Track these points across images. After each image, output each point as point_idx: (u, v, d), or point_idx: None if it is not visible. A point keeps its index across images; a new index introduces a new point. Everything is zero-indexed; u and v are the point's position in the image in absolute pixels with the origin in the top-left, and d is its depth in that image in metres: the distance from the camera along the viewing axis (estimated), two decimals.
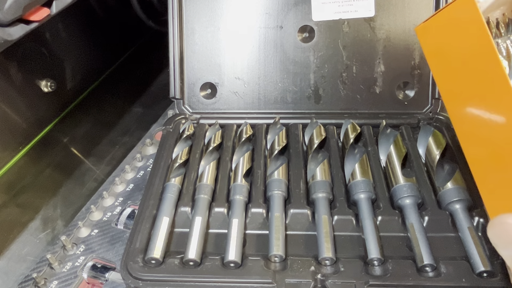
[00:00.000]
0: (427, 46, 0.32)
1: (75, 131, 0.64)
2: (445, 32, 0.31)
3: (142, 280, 0.38)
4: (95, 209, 0.49)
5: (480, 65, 0.28)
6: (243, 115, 0.55)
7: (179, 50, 0.55)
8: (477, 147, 0.29)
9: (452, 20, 0.29)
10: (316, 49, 0.54)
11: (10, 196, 0.54)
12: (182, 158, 0.48)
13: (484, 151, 0.29)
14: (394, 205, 0.43)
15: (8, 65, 0.55)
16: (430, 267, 0.38)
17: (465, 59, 0.29)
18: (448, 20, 0.30)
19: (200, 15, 0.54)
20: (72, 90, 0.68)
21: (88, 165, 0.59)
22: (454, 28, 0.30)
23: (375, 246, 0.39)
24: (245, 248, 0.41)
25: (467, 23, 0.28)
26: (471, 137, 0.30)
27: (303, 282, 0.37)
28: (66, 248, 0.45)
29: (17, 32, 0.39)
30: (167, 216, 0.42)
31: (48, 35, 0.61)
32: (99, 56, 0.74)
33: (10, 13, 0.37)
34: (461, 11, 0.28)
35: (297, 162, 0.48)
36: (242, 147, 0.50)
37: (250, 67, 0.55)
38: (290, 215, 0.42)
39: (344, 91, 0.55)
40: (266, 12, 0.54)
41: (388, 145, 0.48)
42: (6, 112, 0.56)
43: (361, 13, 0.53)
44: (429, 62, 0.32)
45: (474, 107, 0.29)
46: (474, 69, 0.29)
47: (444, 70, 0.31)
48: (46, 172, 0.58)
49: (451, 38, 0.30)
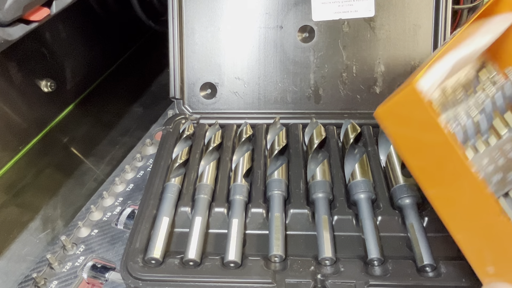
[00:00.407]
0: (386, 129, 0.34)
1: (75, 131, 0.64)
2: (399, 118, 0.32)
3: (142, 280, 0.38)
4: (95, 209, 0.49)
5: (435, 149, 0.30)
6: (243, 115, 0.55)
7: (179, 50, 0.55)
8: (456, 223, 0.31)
9: (403, 107, 0.31)
10: (316, 49, 0.54)
11: (10, 196, 0.54)
12: (182, 158, 0.48)
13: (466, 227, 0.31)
14: (394, 205, 0.43)
15: (8, 65, 0.55)
16: (430, 267, 0.38)
17: (422, 142, 0.31)
18: (399, 107, 0.32)
19: (200, 15, 0.54)
20: (72, 90, 0.68)
21: (88, 165, 0.59)
22: (406, 114, 0.31)
23: (375, 246, 0.39)
24: (245, 248, 0.41)
25: (415, 111, 0.30)
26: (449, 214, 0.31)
27: (303, 282, 0.37)
28: (66, 248, 0.45)
29: (17, 32, 0.39)
30: (167, 216, 0.42)
31: (48, 35, 0.61)
32: (99, 56, 0.74)
33: (10, 13, 0.37)
34: (409, 102, 0.30)
35: (297, 162, 0.48)
36: (242, 147, 0.50)
37: (250, 67, 0.55)
38: (290, 215, 0.42)
39: (344, 91, 0.55)
40: (266, 12, 0.54)
41: (388, 145, 0.48)
42: (6, 112, 0.56)
43: (361, 13, 0.53)
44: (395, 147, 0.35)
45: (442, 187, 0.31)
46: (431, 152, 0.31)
47: (407, 152, 0.33)
48: (46, 172, 0.58)
49: (405, 123, 0.32)
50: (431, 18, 0.53)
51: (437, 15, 0.53)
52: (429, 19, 0.53)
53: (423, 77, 0.31)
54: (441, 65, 0.33)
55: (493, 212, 0.28)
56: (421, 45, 0.54)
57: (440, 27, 0.53)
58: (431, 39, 0.53)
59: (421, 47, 0.54)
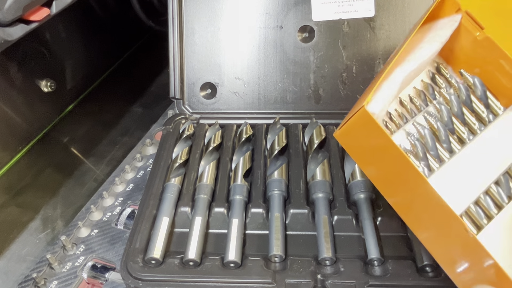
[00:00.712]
0: (347, 148, 0.35)
1: (75, 131, 0.64)
2: (356, 138, 0.34)
3: (142, 280, 0.38)
4: (95, 209, 0.49)
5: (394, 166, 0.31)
6: (243, 115, 0.55)
7: (179, 50, 0.55)
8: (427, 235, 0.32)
9: (357, 129, 0.33)
10: (316, 49, 0.54)
11: (10, 196, 0.54)
12: (182, 158, 0.48)
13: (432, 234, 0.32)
14: None
15: (8, 65, 0.55)
16: (430, 267, 0.38)
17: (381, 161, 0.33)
18: (354, 130, 0.33)
19: (200, 15, 0.54)
20: (72, 90, 0.68)
21: (88, 165, 0.59)
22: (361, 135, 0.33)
23: (375, 246, 0.39)
24: (245, 248, 0.41)
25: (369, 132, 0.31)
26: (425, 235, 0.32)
27: (303, 282, 0.37)
28: (66, 248, 0.45)
29: (17, 32, 0.39)
30: (167, 216, 0.42)
31: (48, 35, 0.61)
32: (99, 56, 0.74)
33: (10, 13, 0.37)
34: (361, 123, 0.31)
35: (297, 162, 0.48)
36: (242, 147, 0.50)
37: (250, 67, 0.55)
38: (290, 215, 0.42)
39: (344, 91, 0.55)
40: (266, 12, 0.54)
41: None
42: (6, 112, 0.56)
43: (361, 13, 0.53)
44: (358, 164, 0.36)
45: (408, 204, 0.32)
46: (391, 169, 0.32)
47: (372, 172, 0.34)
48: (46, 172, 0.58)
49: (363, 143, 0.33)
50: None
51: None
52: None
53: (373, 99, 0.32)
54: (389, 84, 0.34)
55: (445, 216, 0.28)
56: None
57: None
58: None
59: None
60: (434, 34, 0.36)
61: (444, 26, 0.36)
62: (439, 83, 0.39)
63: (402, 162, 0.30)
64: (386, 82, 0.33)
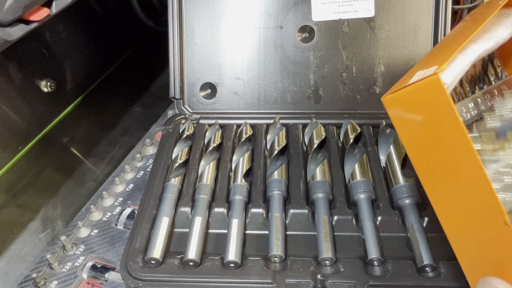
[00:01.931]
0: (395, 117, 0.32)
1: (75, 131, 0.64)
2: (413, 108, 0.31)
3: (142, 280, 0.38)
4: (95, 209, 0.49)
5: (449, 145, 0.29)
6: (243, 115, 0.55)
7: (179, 50, 0.55)
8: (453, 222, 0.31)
9: (420, 97, 0.30)
10: (316, 49, 0.54)
11: (10, 196, 0.54)
12: (182, 158, 0.48)
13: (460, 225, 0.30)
14: (394, 205, 0.43)
15: (8, 65, 0.55)
16: (430, 267, 0.38)
17: (434, 136, 0.30)
18: (416, 96, 0.30)
19: (200, 15, 0.54)
20: (72, 90, 0.68)
21: (88, 165, 0.59)
22: (422, 105, 0.30)
23: (375, 246, 0.39)
24: (245, 248, 0.41)
25: (435, 103, 0.29)
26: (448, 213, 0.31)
27: (303, 283, 0.37)
28: (66, 248, 0.45)
29: (17, 32, 0.39)
30: (167, 216, 0.42)
31: (48, 35, 0.61)
32: (99, 56, 0.74)
33: (10, 13, 0.37)
34: (429, 91, 0.29)
35: (297, 162, 0.48)
36: (242, 147, 0.50)
37: (250, 67, 0.55)
38: (290, 215, 0.42)
39: (344, 91, 0.55)
40: (266, 12, 0.54)
41: (388, 145, 0.48)
42: (6, 112, 0.56)
43: (361, 13, 0.53)
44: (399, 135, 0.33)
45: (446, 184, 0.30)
46: (444, 148, 0.30)
47: (414, 144, 0.32)
48: (46, 172, 0.58)
49: (419, 114, 0.31)
50: (431, 18, 0.53)
51: (437, 15, 0.53)
52: (429, 19, 0.53)
53: (447, 68, 0.30)
54: (463, 58, 0.31)
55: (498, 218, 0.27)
56: (421, 45, 0.54)
57: (440, 27, 0.53)
58: (431, 39, 0.53)
59: (421, 47, 0.54)
60: (510, 20, 0.35)
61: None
62: (490, 74, 0.38)
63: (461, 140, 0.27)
64: (461, 56, 0.31)
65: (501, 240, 0.27)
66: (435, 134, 0.30)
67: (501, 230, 0.27)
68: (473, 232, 0.30)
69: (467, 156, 0.28)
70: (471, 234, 0.30)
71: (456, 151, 0.29)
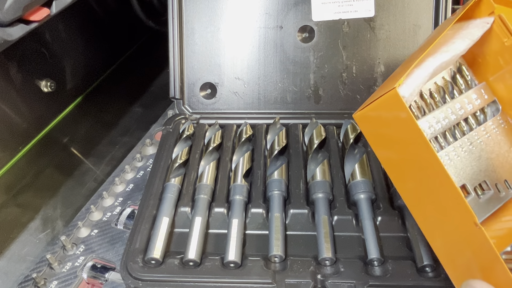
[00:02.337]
0: (365, 129, 0.35)
1: (75, 131, 0.64)
2: (379, 121, 0.33)
3: (142, 280, 0.38)
4: (95, 209, 0.49)
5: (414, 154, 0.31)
6: (243, 115, 0.55)
7: (179, 50, 0.55)
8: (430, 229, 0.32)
9: (383, 111, 0.32)
10: (316, 49, 0.54)
11: (10, 196, 0.54)
12: (182, 158, 0.48)
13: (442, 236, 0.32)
14: (394, 205, 0.43)
15: (8, 65, 0.55)
16: (430, 267, 0.38)
17: (401, 148, 0.32)
18: (380, 111, 0.32)
19: (200, 15, 0.54)
20: (72, 90, 0.68)
21: (88, 165, 0.59)
22: (386, 118, 0.32)
23: (375, 246, 0.39)
24: (245, 248, 0.41)
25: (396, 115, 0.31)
26: (425, 220, 0.32)
27: (303, 283, 0.37)
28: (66, 248, 0.45)
29: (17, 32, 0.39)
30: (167, 216, 0.42)
31: (48, 35, 0.61)
32: (99, 56, 0.74)
33: (10, 13, 0.37)
34: (390, 105, 0.31)
35: (297, 162, 0.48)
36: (242, 147, 0.50)
37: (250, 67, 0.55)
38: (290, 215, 0.42)
39: (344, 91, 0.55)
40: (266, 12, 0.54)
41: None
42: (6, 112, 0.56)
43: (361, 13, 0.53)
44: (372, 148, 0.35)
45: (419, 192, 0.32)
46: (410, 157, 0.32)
47: (386, 156, 0.34)
48: (46, 172, 0.58)
49: (384, 127, 0.33)
50: (431, 18, 0.53)
51: (437, 15, 0.53)
52: (429, 19, 0.53)
53: (404, 82, 0.32)
54: (421, 71, 0.33)
55: (468, 221, 0.28)
56: None
57: None
58: None
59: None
60: (466, 32, 0.36)
61: (476, 26, 0.37)
62: (459, 83, 0.39)
63: (424, 149, 0.29)
64: (418, 69, 0.33)
65: (475, 241, 0.28)
66: (401, 145, 0.32)
67: (473, 232, 0.28)
68: (449, 236, 0.31)
69: (432, 163, 0.29)
70: (448, 239, 0.31)
71: (420, 160, 0.31)
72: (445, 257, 0.31)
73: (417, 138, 0.30)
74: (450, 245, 0.31)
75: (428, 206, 0.32)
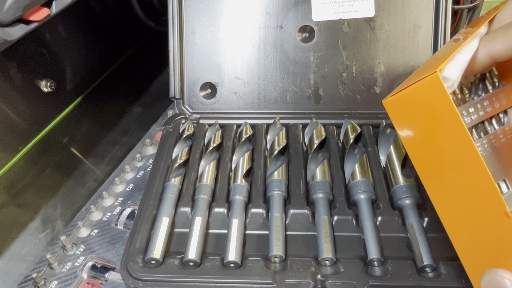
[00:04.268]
0: (396, 119, 0.33)
1: (75, 131, 0.64)
2: (414, 108, 0.31)
3: (142, 280, 0.38)
4: (95, 209, 0.49)
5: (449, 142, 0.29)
6: (243, 115, 0.55)
7: (179, 50, 0.55)
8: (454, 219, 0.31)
9: (420, 96, 0.30)
10: (316, 49, 0.54)
11: (10, 196, 0.54)
12: (182, 158, 0.48)
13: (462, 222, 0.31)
14: (394, 205, 0.43)
15: (8, 65, 0.55)
16: (430, 267, 0.38)
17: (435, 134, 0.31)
18: (416, 96, 0.30)
19: (200, 15, 0.54)
20: (72, 90, 0.68)
21: (88, 165, 0.59)
22: (423, 104, 0.30)
23: (375, 246, 0.39)
24: (245, 249, 0.41)
25: (435, 101, 0.29)
26: (449, 210, 0.31)
27: (303, 283, 0.37)
28: (66, 248, 0.45)
29: (17, 32, 0.39)
30: (167, 216, 0.42)
31: (48, 35, 0.61)
32: (99, 56, 0.74)
33: (10, 13, 0.37)
34: (428, 89, 0.29)
35: (297, 162, 0.48)
36: (242, 147, 0.50)
37: (250, 67, 0.55)
38: (290, 215, 0.42)
39: (344, 91, 0.55)
40: (266, 12, 0.54)
41: (388, 145, 0.48)
42: (6, 112, 0.56)
43: (361, 13, 0.53)
44: (400, 137, 0.33)
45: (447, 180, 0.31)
46: (444, 144, 0.30)
47: (415, 144, 0.32)
48: (46, 172, 0.58)
49: (420, 113, 0.31)
50: (431, 18, 0.53)
51: (437, 15, 0.53)
52: (429, 19, 0.53)
53: (446, 67, 0.30)
54: (462, 57, 0.31)
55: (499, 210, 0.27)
56: (421, 45, 0.54)
57: (440, 27, 0.53)
58: (431, 39, 0.53)
59: (421, 47, 0.54)
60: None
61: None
62: (488, 82, 0.39)
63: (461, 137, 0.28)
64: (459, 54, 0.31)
65: (502, 232, 0.28)
66: (435, 132, 0.30)
67: (502, 222, 0.27)
68: (475, 227, 0.30)
69: (467, 151, 0.28)
70: (473, 229, 0.30)
71: (456, 147, 0.29)
72: (465, 249, 0.30)
73: (456, 126, 0.28)
74: (474, 236, 0.30)
75: (455, 194, 0.30)
